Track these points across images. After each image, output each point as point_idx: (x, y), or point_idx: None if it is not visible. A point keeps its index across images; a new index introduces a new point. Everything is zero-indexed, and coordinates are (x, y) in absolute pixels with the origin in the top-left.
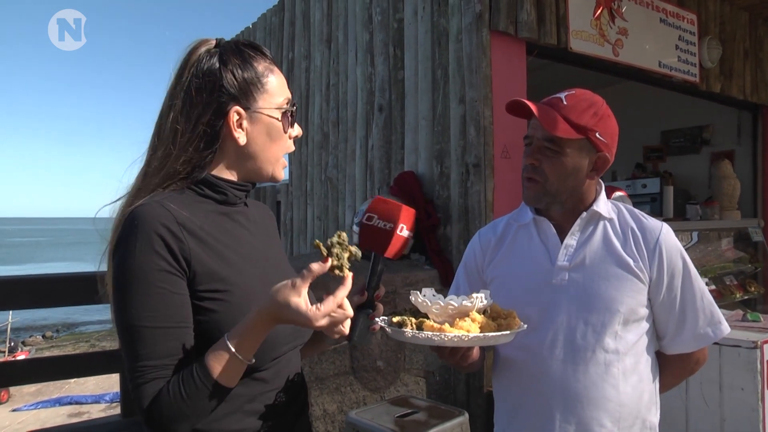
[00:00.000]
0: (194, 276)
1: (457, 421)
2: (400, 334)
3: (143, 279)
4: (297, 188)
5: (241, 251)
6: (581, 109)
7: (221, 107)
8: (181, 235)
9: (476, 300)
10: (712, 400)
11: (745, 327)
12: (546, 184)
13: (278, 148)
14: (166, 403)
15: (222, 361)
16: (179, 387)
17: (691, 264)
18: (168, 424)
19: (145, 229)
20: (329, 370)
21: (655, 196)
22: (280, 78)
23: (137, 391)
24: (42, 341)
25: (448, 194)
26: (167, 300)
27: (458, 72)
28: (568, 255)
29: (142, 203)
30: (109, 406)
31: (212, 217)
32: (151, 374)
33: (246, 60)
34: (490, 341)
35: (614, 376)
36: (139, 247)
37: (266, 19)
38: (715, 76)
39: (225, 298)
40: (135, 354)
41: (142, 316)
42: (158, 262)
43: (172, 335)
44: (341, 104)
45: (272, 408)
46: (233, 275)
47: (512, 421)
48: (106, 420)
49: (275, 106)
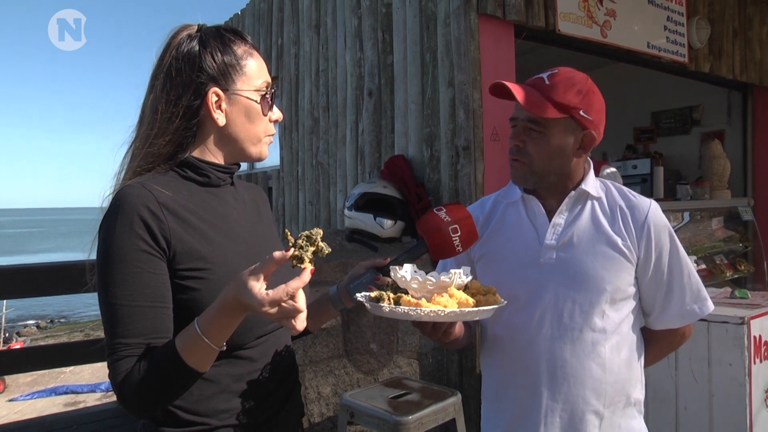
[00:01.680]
0: (174, 255)
1: (450, 402)
2: (377, 309)
3: (121, 258)
4: (288, 174)
5: (225, 229)
6: (564, 88)
7: (200, 88)
8: (161, 215)
9: (455, 276)
10: (701, 376)
11: (733, 304)
12: (532, 165)
13: (258, 129)
14: (135, 381)
15: (189, 344)
16: (148, 366)
17: (679, 241)
18: (138, 402)
19: (126, 209)
20: (323, 353)
21: (646, 177)
22: (260, 62)
23: (111, 368)
24: (37, 331)
25: (439, 177)
26: (144, 279)
27: (447, 56)
28: (556, 234)
29: (126, 185)
30: (105, 395)
31: (197, 195)
32: (124, 351)
33: (225, 43)
34: (467, 316)
35: (601, 354)
36: (119, 227)
37: (255, 5)
38: (704, 56)
39: (206, 276)
40: (111, 331)
41: (118, 294)
42: (137, 242)
43: (147, 314)
44: (331, 89)
45: (260, 387)
46: (215, 254)
47: (500, 398)
48: (103, 407)
49: (254, 88)
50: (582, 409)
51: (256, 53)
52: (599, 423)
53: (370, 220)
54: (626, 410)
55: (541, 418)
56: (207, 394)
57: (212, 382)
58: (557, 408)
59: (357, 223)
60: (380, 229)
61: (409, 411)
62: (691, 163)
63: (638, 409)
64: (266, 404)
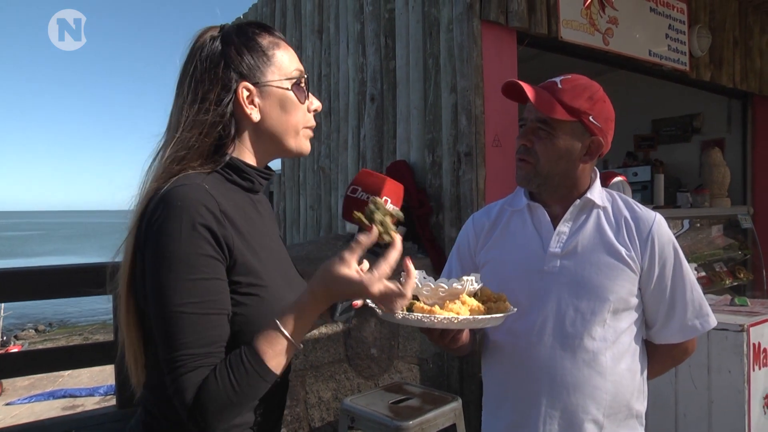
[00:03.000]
0: (234, 265)
1: (450, 407)
2: (390, 316)
3: (186, 263)
4: (290, 178)
5: (264, 244)
6: (576, 93)
7: (229, 86)
8: (223, 220)
9: (467, 283)
10: (701, 382)
11: (733, 311)
12: (537, 166)
13: (296, 120)
14: (214, 392)
15: (274, 345)
16: (228, 374)
17: (683, 255)
18: (215, 414)
19: (189, 210)
20: (324, 358)
21: (646, 184)
22: (289, 51)
23: (178, 382)
24: (35, 335)
25: (440, 183)
26: (211, 286)
27: (449, 62)
28: (561, 242)
29: (181, 184)
30: (104, 399)
31: (241, 203)
32: (194, 363)
33: (249, 37)
34: (480, 324)
35: (602, 364)
36: (182, 229)
37: (257, 9)
38: (705, 64)
39: (258, 293)
40: (176, 342)
41: (185, 302)
42: (203, 245)
43: (215, 322)
44: (333, 94)
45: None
46: (264, 270)
47: (500, 404)
48: (103, 411)
49: (285, 78)
50: (581, 417)
51: (283, 43)
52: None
53: None
54: (627, 421)
55: (539, 426)
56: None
57: None
58: (556, 416)
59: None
60: None
61: (410, 416)
62: (692, 171)
63: (640, 421)
64: (268, 408)
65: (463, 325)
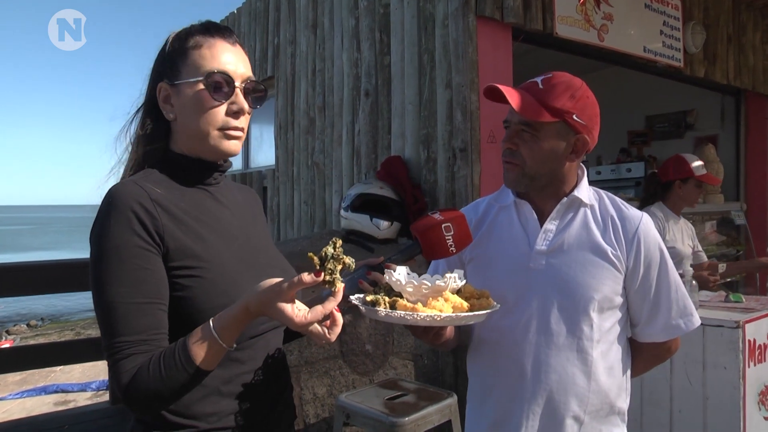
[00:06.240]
0: (167, 252)
1: (445, 403)
2: (373, 313)
3: (117, 255)
4: (284, 173)
5: (218, 229)
6: (557, 93)
7: (153, 85)
8: (154, 211)
9: (449, 280)
10: (696, 379)
11: (728, 308)
12: (524, 168)
13: (207, 121)
14: (145, 381)
15: (205, 346)
16: (159, 366)
17: (668, 256)
18: (146, 400)
19: (119, 206)
20: (318, 354)
21: (640, 181)
22: (217, 51)
23: (115, 367)
24: (27, 330)
25: (435, 179)
26: (142, 276)
27: (444, 57)
28: (547, 240)
29: (118, 182)
30: (96, 394)
31: (190, 194)
32: (128, 349)
33: (182, 37)
34: (463, 321)
35: (586, 362)
36: (112, 224)
37: (251, 3)
38: (699, 61)
39: (199, 275)
40: (111, 330)
41: (117, 292)
42: (132, 238)
43: (147, 311)
44: (327, 89)
45: (250, 389)
46: (208, 253)
47: (484, 401)
48: (95, 407)
49: (198, 77)
50: (562, 414)
51: (219, 42)
52: (578, 428)
53: (367, 221)
54: (609, 418)
55: (522, 422)
56: (195, 397)
57: (202, 385)
58: (538, 412)
59: (353, 224)
60: (376, 230)
61: (405, 412)
62: None
63: (621, 418)
64: (255, 407)
65: (446, 322)
